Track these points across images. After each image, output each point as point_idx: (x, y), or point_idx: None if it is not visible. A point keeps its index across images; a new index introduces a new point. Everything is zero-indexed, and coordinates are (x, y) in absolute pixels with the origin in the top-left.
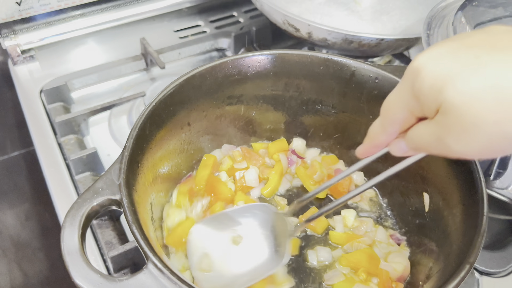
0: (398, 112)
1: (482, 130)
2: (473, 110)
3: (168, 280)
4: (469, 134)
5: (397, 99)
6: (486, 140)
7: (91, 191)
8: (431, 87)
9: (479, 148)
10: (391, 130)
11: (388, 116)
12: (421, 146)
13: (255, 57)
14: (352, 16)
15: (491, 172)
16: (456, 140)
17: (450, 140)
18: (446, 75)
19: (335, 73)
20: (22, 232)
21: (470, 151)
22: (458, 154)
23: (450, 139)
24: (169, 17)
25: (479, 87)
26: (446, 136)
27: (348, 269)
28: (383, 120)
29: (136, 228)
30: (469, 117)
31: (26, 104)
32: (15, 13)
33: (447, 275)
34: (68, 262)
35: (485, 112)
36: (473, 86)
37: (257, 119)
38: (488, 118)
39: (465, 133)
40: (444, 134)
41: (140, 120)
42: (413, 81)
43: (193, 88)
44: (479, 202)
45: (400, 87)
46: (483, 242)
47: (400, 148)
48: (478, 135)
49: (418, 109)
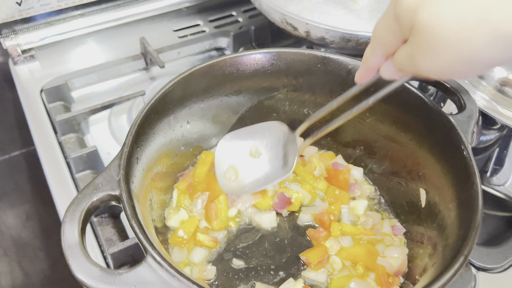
0: (383, 35)
1: (444, 49)
2: (437, 30)
3: (166, 273)
4: (433, 53)
5: (382, 22)
6: (447, 59)
7: (91, 186)
8: (408, 8)
9: (442, 67)
10: (379, 52)
11: (375, 39)
12: (400, 66)
13: (253, 56)
14: (349, 15)
15: (488, 168)
16: (423, 58)
17: (418, 58)
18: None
19: (332, 71)
20: (23, 231)
21: (434, 69)
22: (424, 71)
23: (418, 56)
24: (168, 17)
25: (446, 9)
26: (415, 54)
27: (349, 262)
28: (372, 42)
29: (135, 223)
30: (434, 37)
31: (27, 104)
32: (16, 13)
33: (442, 268)
34: (68, 256)
35: (448, 32)
36: (442, 8)
37: (255, 117)
38: (449, 39)
39: (430, 51)
40: (413, 52)
41: (139, 118)
42: (395, 3)
43: (191, 86)
44: (474, 196)
45: (387, 9)
46: (477, 235)
47: (388, 70)
48: (440, 54)
49: (399, 31)
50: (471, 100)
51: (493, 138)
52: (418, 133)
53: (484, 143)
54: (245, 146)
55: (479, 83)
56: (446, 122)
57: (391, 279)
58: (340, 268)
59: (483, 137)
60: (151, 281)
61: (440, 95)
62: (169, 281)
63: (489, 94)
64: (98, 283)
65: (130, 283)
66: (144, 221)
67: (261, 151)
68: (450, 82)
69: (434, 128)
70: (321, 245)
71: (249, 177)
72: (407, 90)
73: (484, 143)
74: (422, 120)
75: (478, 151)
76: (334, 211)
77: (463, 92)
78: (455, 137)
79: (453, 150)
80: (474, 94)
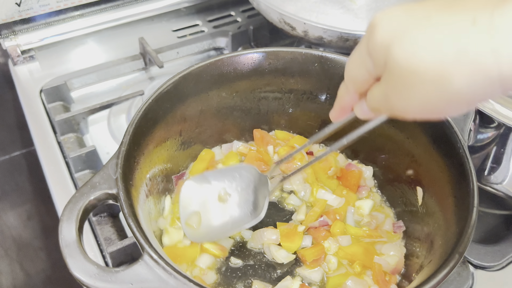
0: (356, 71)
1: (420, 88)
2: (413, 67)
3: (163, 271)
4: (409, 91)
5: (355, 57)
6: (425, 98)
7: (89, 185)
8: (381, 43)
9: (418, 106)
10: (352, 90)
11: (348, 75)
12: (375, 106)
13: (250, 55)
14: (347, 14)
15: (486, 167)
16: (398, 97)
17: (392, 97)
18: (395, 31)
19: (329, 70)
20: (23, 231)
21: (410, 109)
22: (400, 112)
23: (393, 96)
24: (167, 17)
25: (420, 44)
26: (390, 93)
27: (346, 261)
28: (345, 79)
29: (132, 221)
30: (409, 75)
31: (26, 104)
32: (15, 13)
33: (438, 265)
34: (65, 254)
35: (424, 70)
36: (415, 43)
37: (253, 116)
38: (426, 77)
39: (406, 90)
40: (388, 91)
41: (137, 117)
42: (368, 38)
43: (189, 85)
44: (470, 194)
45: (359, 45)
46: (473, 233)
47: (362, 109)
48: (417, 92)
49: (372, 67)
50: None
51: (491, 136)
52: (414, 131)
53: (482, 142)
54: (213, 189)
55: None
56: (442, 120)
57: (388, 277)
58: (335, 268)
59: (481, 136)
60: (147, 279)
61: None
62: (166, 279)
63: None
64: (95, 281)
65: (127, 281)
66: (141, 218)
67: (230, 194)
68: None
69: (430, 127)
70: (319, 244)
71: (215, 222)
72: None
73: (482, 141)
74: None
75: (476, 149)
76: (340, 211)
77: None
78: (451, 135)
79: (449, 148)
80: None
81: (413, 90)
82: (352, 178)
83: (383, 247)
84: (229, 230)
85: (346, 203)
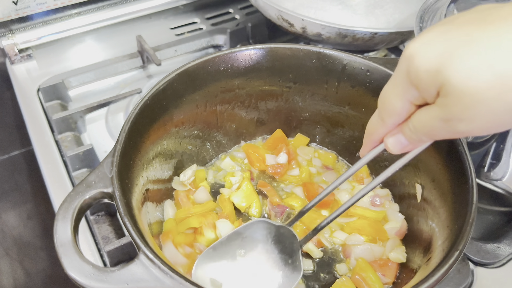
0: (395, 102)
1: (485, 106)
2: (473, 87)
3: (159, 270)
4: (472, 111)
5: (393, 89)
6: (491, 114)
7: (84, 184)
8: (428, 70)
9: (485, 124)
10: (390, 122)
11: (385, 107)
12: (426, 132)
13: (248, 51)
14: (346, 11)
15: (485, 163)
16: (461, 119)
17: (455, 120)
18: (441, 56)
19: (327, 66)
20: (24, 231)
21: (476, 128)
22: (464, 133)
23: (455, 118)
24: (165, 15)
25: (475, 64)
26: (451, 117)
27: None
28: (381, 112)
29: (128, 220)
30: (470, 95)
31: (24, 103)
32: (12, 12)
33: (438, 262)
34: (60, 254)
35: (485, 87)
36: (469, 64)
37: (250, 113)
38: (488, 93)
39: (469, 110)
40: (448, 115)
41: (132, 114)
42: (408, 69)
43: (185, 83)
44: (469, 190)
45: (395, 76)
46: (472, 230)
47: (398, 142)
48: (481, 111)
49: (417, 96)
50: None
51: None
52: None
53: (481, 138)
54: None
55: None
56: None
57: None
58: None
59: None
60: (143, 279)
61: None
62: (162, 278)
63: None
64: (90, 281)
65: (123, 281)
66: (137, 218)
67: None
68: None
69: None
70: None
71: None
72: None
73: (481, 137)
74: None
75: (475, 145)
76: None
77: None
78: None
79: (448, 144)
80: None
81: (478, 110)
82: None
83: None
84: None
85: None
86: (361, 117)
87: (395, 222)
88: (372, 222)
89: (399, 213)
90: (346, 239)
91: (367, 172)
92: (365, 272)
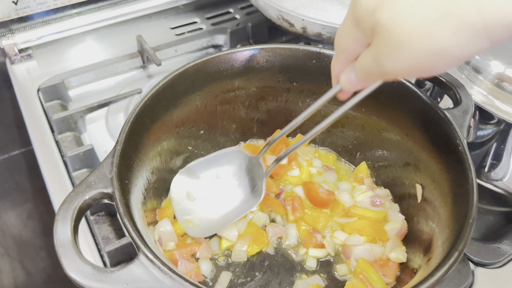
0: (345, 41)
1: (408, 46)
2: (399, 27)
3: (159, 271)
4: (397, 51)
5: (342, 27)
6: (413, 55)
7: (84, 184)
8: (367, 9)
9: (408, 65)
10: (342, 58)
11: (337, 45)
12: (364, 71)
13: (247, 52)
14: (346, 10)
15: (486, 163)
16: (388, 58)
17: (383, 59)
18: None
19: (327, 67)
20: (24, 231)
21: (400, 69)
22: (391, 73)
23: (383, 57)
24: (165, 15)
25: (404, 6)
26: (380, 55)
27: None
28: (336, 51)
29: (128, 221)
30: (396, 34)
31: (24, 103)
32: (12, 12)
33: (438, 262)
34: (60, 254)
35: (410, 28)
36: (399, 5)
37: (250, 113)
38: (412, 34)
39: (394, 49)
40: (377, 54)
41: (132, 115)
42: (353, 8)
43: (185, 83)
44: (470, 191)
45: (345, 17)
46: (472, 230)
47: (348, 79)
48: (405, 51)
49: (361, 35)
50: (466, 95)
51: (491, 133)
52: (413, 128)
53: (482, 138)
54: (204, 179)
55: (476, 77)
56: (441, 117)
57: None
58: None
59: (481, 132)
60: (143, 279)
61: (437, 90)
62: (161, 279)
63: (486, 88)
64: (90, 281)
65: (122, 281)
66: (137, 219)
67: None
68: (445, 76)
69: (429, 123)
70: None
71: (215, 213)
72: (403, 85)
73: (482, 138)
74: (417, 115)
75: (476, 146)
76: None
77: (458, 87)
78: (450, 132)
79: (448, 144)
80: (471, 89)
81: (402, 50)
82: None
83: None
84: (232, 218)
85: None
86: (361, 117)
87: (395, 222)
88: (372, 222)
89: (400, 213)
90: (346, 240)
91: (366, 172)
92: (366, 272)
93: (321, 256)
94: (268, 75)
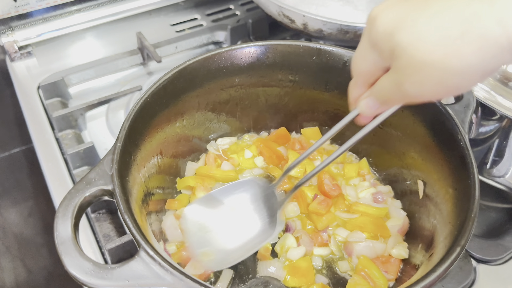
0: (361, 64)
1: (432, 67)
2: (421, 48)
3: (159, 267)
4: (421, 73)
5: (359, 51)
6: (438, 76)
7: (84, 181)
8: (384, 32)
9: (433, 87)
10: (360, 82)
11: (354, 68)
12: (385, 96)
13: (248, 49)
14: (347, 6)
15: (488, 160)
16: (411, 82)
17: (405, 83)
18: (396, 19)
19: (328, 63)
20: (25, 228)
21: (426, 91)
22: (414, 96)
23: (405, 82)
24: (165, 11)
25: (424, 27)
26: (402, 80)
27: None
28: (353, 74)
29: (128, 217)
30: (418, 57)
31: (24, 100)
32: (12, 9)
33: (439, 258)
34: (61, 251)
35: (432, 49)
36: (419, 27)
37: (251, 111)
38: (435, 54)
39: (418, 72)
40: (399, 78)
41: (132, 112)
42: (369, 31)
43: (186, 80)
44: (471, 186)
45: (361, 40)
46: (474, 225)
47: (368, 105)
48: (429, 72)
49: (378, 58)
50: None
51: (493, 129)
52: (414, 123)
53: (484, 135)
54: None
55: None
56: (442, 112)
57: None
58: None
59: (483, 128)
60: (144, 276)
61: None
62: (162, 275)
63: (489, 85)
64: (90, 278)
65: (123, 278)
66: (137, 215)
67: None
68: None
69: (430, 118)
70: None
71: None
72: None
73: (484, 134)
74: (418, 110)
75: (478, 142)
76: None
77: None
78: (451, 127)
79: (450, 140)
80: None
81: (426, 72)
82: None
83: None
84: (249, 249)
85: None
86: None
87: (397, 219)
88: (374, 219)
89: (401, 210)
90: (348, 236)
91: (368, 169)
92: (368, 269)
93: (325, 255)
94: (269, 71)
